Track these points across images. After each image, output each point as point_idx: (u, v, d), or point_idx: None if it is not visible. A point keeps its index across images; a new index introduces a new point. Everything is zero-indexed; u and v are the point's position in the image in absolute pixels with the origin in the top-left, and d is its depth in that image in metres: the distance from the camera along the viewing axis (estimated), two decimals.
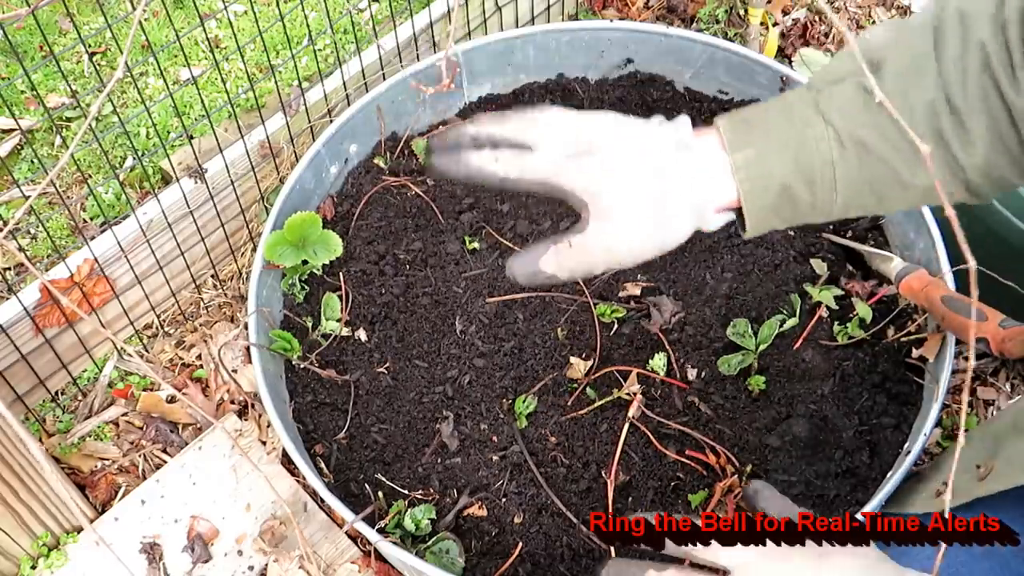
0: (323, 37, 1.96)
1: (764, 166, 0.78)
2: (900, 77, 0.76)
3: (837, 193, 0.79)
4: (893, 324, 1.23)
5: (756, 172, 0.79)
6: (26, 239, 1.64)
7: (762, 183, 0.79)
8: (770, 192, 0.79)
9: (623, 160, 0.83)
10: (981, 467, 0.93)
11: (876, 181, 0.78)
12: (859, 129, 0.76)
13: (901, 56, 0.76)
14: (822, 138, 0.77)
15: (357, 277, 1.33)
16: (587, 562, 1.11)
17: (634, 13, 1.93)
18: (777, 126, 0.79)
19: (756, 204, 0.80)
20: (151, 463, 1.40)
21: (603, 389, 1.21)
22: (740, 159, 0.79)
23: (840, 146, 0.77)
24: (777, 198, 0.79)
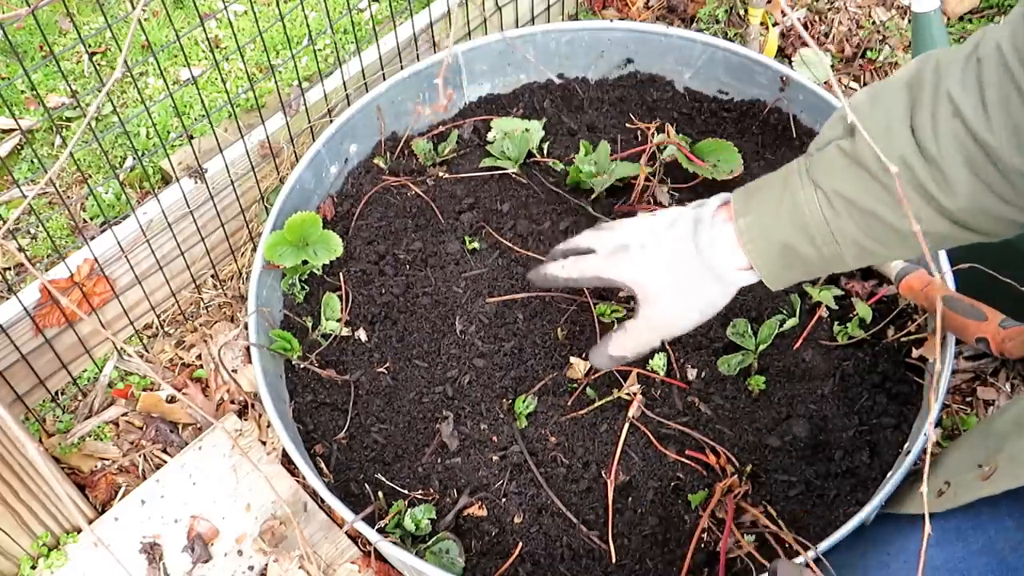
0: (323, 37, 1.96)
1: (763, 229, 0.89)
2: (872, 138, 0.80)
3: (840, 245, 0.86)
4: (893, 324, 1.23)
5: (756, 234, 0.90)
6: (26, 239, 1.64)
7: (764, 244, 0.89)
8: (773, 251, 0.89)
9: (652, 251, 0.97)
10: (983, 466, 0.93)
11: (872, 232, 0.84)
12: (843, 187, 0.84)
13: (875, 119, 0.82)
14: (811, 200, 0.86)
15: (357, 277, 1.33)
16: (587, 562, 1.11)
17: (634, 13, 1.93)
18: (773, 193, 0.89)
19: (764, 262, 0.91)
20: (151, 463, 1.40)
21: (603, 389, 1.21)
22: (743, 224, 0.90)
23: (829, 205, 0.85)
24: (781, 256, 0.89)
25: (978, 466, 0.94)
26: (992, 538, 0.94)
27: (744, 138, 1.46)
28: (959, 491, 0.94)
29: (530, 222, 1.36)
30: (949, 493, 0.95)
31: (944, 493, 0.96)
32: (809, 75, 1.81)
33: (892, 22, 1.91)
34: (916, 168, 0.79)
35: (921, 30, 1.39)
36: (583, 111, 1.51)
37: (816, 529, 1.10)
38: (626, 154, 1.42)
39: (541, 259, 1.32)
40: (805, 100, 1.42)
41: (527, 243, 1.35)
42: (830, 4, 1.95)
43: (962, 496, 0.93)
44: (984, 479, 0.92)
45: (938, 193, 0.79)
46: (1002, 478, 0.90)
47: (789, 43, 1.87)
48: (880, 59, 1.85)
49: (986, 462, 0.94)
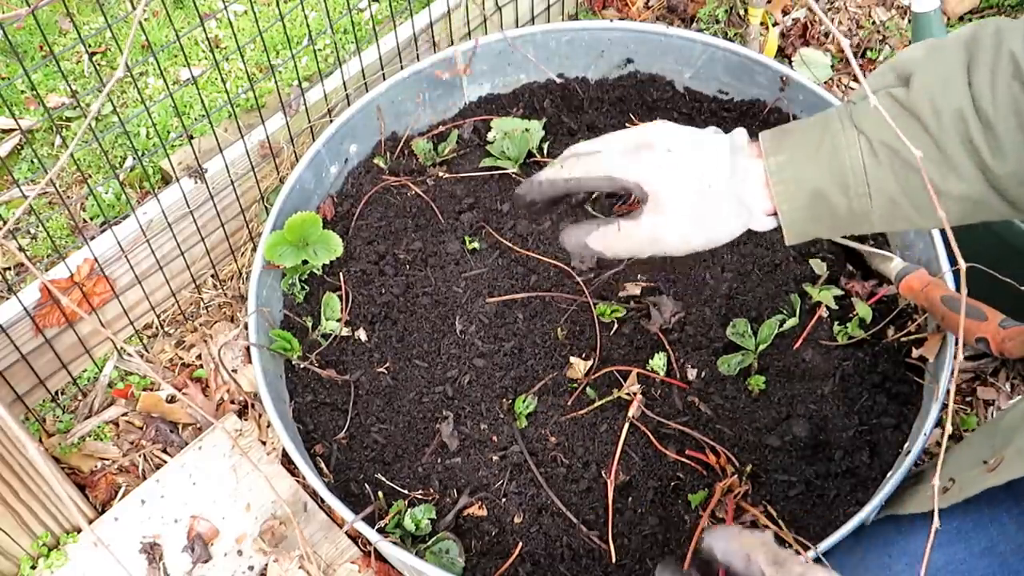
0: (323, 37, 1.96)
1: (796, 170, 0.83)
2: (928, 88, 0.79)
3: (872, 200, 0.82)
4: (893, 324, 1.23)
5: (789, 175, 0.83)
6: (26, 239, 1.64)
7: (794, 186, 0.83)
8: (802, 195, 0.84)
9: (679, 156, 0.88)
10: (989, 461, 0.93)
11: (911, 188, 0.81)
12: (889, 136, 0.79)
13: (931, 69, 0.79)
14: (853, 144, 0.81)
15: (357, 277, 1.33)
16: (587, 562, 1.11)
17: (634, 13, 1.93)
18: (811, 135, 0.84)
19: (790, 207, 0.85)
20: (151, 463, 1.40)
21: (603, 389, 1.21)
22: (773, 163, 0.84)
23: (872, 153, 0.81)
24: (810, 202, 0.84)
25: (983, 462, 0.94)
26: (994, 540, 0.94)
27: None
28: (964, 486, 0.94)
29: (530, 222, 1.36)
30: (954, 489, 0.95)
31: (949, 490, 0.96)
32: (809, 75, 1.81)
33: (892, 22, 1.91)
34: (970, 124, 0.77)
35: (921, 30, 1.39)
36: (583, 111, 1.51)
37: (816, 529, 1.10)
38: None
39: (541, 259, 1.32)
40: (805, 100, 1.42)
41: (527, 243, 1.35)
42: (830, 4, 1.95)
43: (967, 490, 0.92)
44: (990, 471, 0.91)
45: (987, 153, 0.77)
46: (1008, 469, 0.89)
47: (789, 43, 1.87)
48: (880, 59, 1.85)
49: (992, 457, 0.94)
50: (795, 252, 1.31)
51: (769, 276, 1.30)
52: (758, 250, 1.32)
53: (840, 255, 1.33)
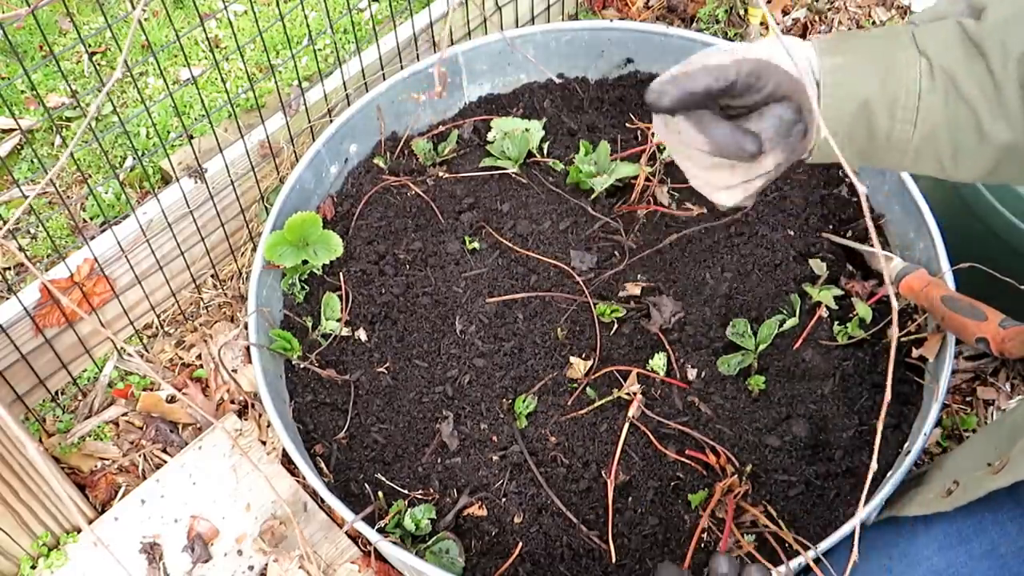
0: (323, 37, 1.96)
1: (850, 74, 0.78)
2: (1001, 25, 0.75)
3: (916, 128, 0.78)
4: None
5: (841, 78, 0.78)
6: (26, 239, 1.64)
7: (844, 91, 0.78)
8: (850, 104, 0.78)
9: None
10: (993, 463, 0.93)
11: (957, 124, 0.77)
12: (952, 64, 0.76)
13: (1008, 7, 0.76)
14: (913, 64, 0.77)
15: (357, 277, 1.33)
16: (587, 562, 1.11)
17: (634, 13, 1.93)
18: (872, 44, 0.79)
19: (835, 114, 0.78)
20: (151, 463, 1.40)
21: (603, 389, 1.21)
22: (828, 63, 0.78)
23: (930, 76, 0.77)
24: (856, 113, 0.78)
25: (988, 465, 0.94)
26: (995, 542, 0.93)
27: None
28: (968, 488, 0.93)
29: (530, 222, 1.36)
30: (958, 492, 0.95)
31: (953, 492, 0.96)
32: None
33: (892, 22, 1.91)
34: None
35: None
36: (583, 111, 1.51)
37: (816, 529, 1.10)
38: (626, 154, 1.42)
39: (541, 259, 1.32)
40: None
41: (527, 243, 1.35)
42: (830, 4, 1.95)
43: (972, 492, 0.92)
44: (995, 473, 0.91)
45: None
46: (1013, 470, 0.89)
47: None
48: None
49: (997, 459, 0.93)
50: (795, 252, 1.31)
51: (769, 276, 1.30)
52: (758, 250, 1.32)
53: (840, 255, 1.33)
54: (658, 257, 1.32)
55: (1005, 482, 0.89)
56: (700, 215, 1.36)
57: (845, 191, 1.39)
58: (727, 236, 1.34)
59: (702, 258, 1.32)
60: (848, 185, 1.40)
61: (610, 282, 1.30)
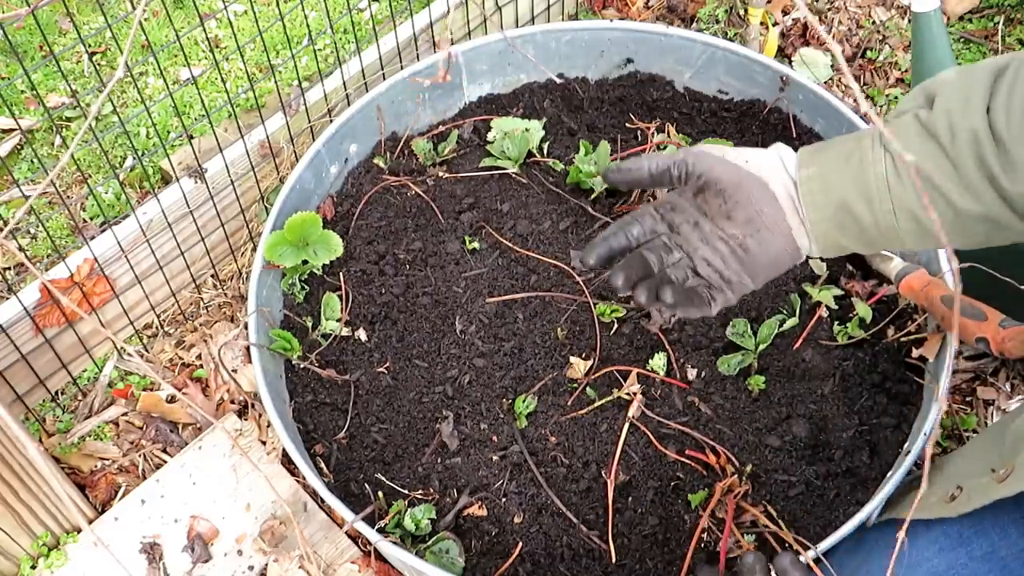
0: (323, 37, 1.96)
1: (824, 182, 0.88)
2: (948, 109, 0.82)
3: (896, 216, 0.85)
4: (893, 324, 1.23)
5: (817, 187, 0.88)
6: (26, 239, 1.64)
7: (821, 197, 0.88)
8: (829, 206, 0.88)
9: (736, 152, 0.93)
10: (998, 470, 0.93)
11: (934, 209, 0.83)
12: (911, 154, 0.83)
13: (955, 91, 0.82)
14: (878, 161, 0.85)
15: (357, 277, 1.33)
16: (587, 562, 1.11)
17: (634, 13, 1.93)
18: (842, 150, 0.88)
19: (817, 216, 0.89)
20: (151, 463, 1.40)
21: (603, 389, 1.21)
22: (804, 175, 0.89)
23: (895, 170, 0.85)
24: (836, 213, 0.88)
25: (992, 471, 0.94)
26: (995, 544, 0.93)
27: (744, 138, 1.46)
28: (973, 495, 0.93)
29: (530, 222, 1.36)
30: (962, 497, 0.95)
31: (957, 498, 0.96)
32: (809, 75, 1.81)
33: (892, 22, 1.91)
34: (984, 145, 0.79)
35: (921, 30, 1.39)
36: (583, 111, 1.51)
37: (816, 529, 1.10)
38: (626, 154, 1.42)
39: (541, 259, 1.32)
40: (805, 100, 1.42)
41: (527, 243, 1.35)
42: (830, 4, 1.95)
43: (976, 499, 0.92)
44: (999, 482, 0.91)
45: (1001, 174, 0.79)
46: (1018, 480, 0.89)
47: (789, 43, 1.87)
48: (880, 59, 1.85)
49: (1001, 466, 0.93)
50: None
51: None
52: None
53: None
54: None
55: (1010, 491, 0.89)
56: None
57: None
58: None
59: None
60: None
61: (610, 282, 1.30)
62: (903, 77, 1.82)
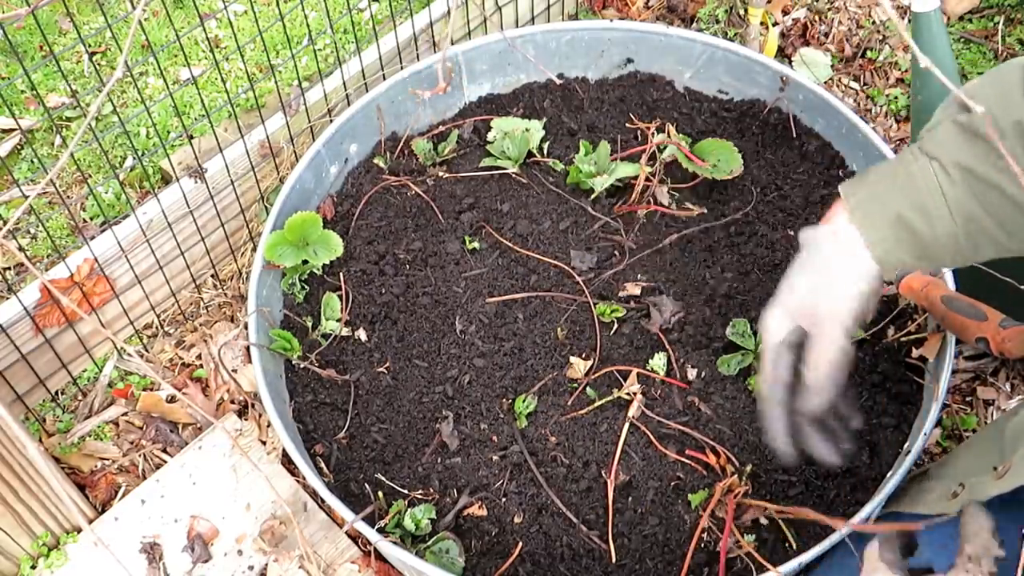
0: (323, 37, 1.96)
1: (875, 202, 0.88)
2: (988, 107, 0.82)
3: (955, 222, 0.85)
4: (893, 324, 1.23)
5: (868, 208, 0.88)
6: (26, 239, 1.64)
7: (875, 217, 0.88)
8: (885, 223, 0.88)
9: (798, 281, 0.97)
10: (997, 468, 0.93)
11: (990, 205, 0.84)
12: (960, 156, 0.84)
13: (989, 91, 0.83)
14: (926, 170, 0.86)
15: (357, 277, 1.33)
16: (587, 562, 1.11)
17: (634, 13, 1.93)
18: (885, 171, 0.89)
19: (877, 236, 0.88)
20: (151, 463, 1.40)
21: (603, 389, 1.21)
22: (853, 201, 0.89)
23: (945, 173, 0.85)
24: (893, 228, 0.88)
25: (993, 468, 0.94)
26: None
27: (744, 138, 1.46)
28: (974, 492, 0.94)
29: (530, 222, 1.36)
30: (963, 495, 0.95)
31: (959, 495, 0.96)
32: (809, 75, 1.81)
33: (892, 22, 1.91)
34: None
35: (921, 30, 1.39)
36: (583, 111, 1.51)
37: (816, 529, 1.10)
38: (626, 154, 1.42)
39: (541, 259, 1.32)
40: (805, 100, 1.42)
41: (527, 243, 1.35)
42: (830, 4, 1.95)
43: (976, 496, 0.93)
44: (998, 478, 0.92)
45: None
46: (1015, 476, 0.90)
47: (789, 43, 1.87)
48: (880, 59, 1.85)
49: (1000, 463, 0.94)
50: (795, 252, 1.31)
51: (769, 276, 1.30)
52: (758, 250, 1.32)
53: None
54: (658, 257, 1.32)
55: (1007, 487, 0.89)
56: (700, 215, 1.36)
57: None
58: (727, 236, 1.34)
59: (702, 258, 1.32)
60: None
61: (610, 282, 1.30)
62: (903, 77, 1.82)
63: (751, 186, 1.39)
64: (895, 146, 1.71)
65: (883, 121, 1.78)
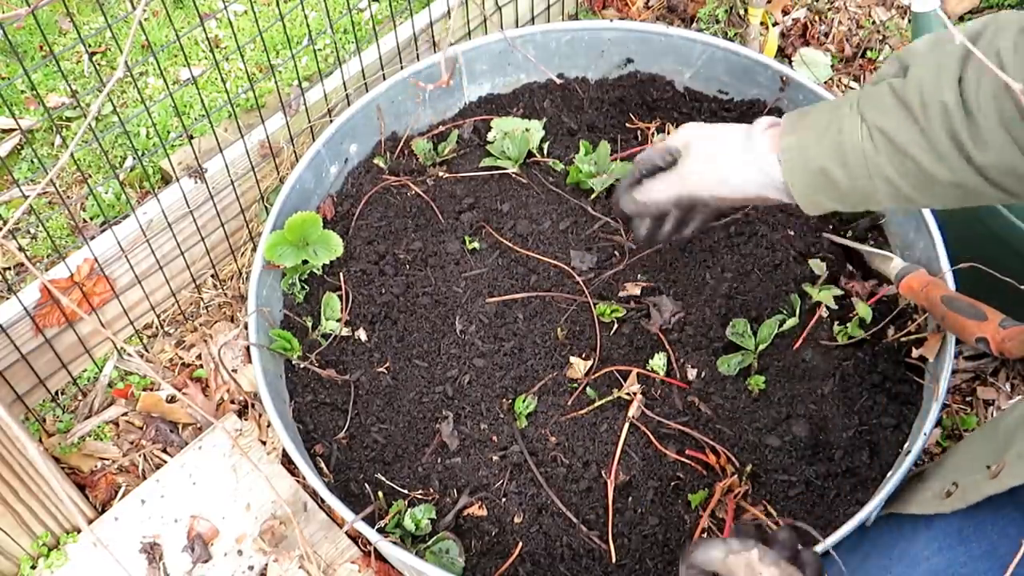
0: (323, 37, 1.96)
1: (803, 150, 0.94)
2: (920, 79, 0.84)
3: (873, 181, 0.90)
4: (893, 324, 1.23)
5: (796, 155, 0.94)
6: (26, 239, 1.64)
7: (801, 164, 0.94)
8: (808, 172, 0.94)
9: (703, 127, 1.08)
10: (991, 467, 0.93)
11: (905, 173, 0.87)
12: (885, 123, 0.87)
13: (928, 62, 0.85)
14: (854, 129, 0.89)
15: (357, 277, 1.33)
16: (587, 562, 1.11)
17: (634, 13, 1.93)
18: (820, 118, 0.94)
19: (798, 181, 0.95)
20: (151, 463, 1.40)
21: (603, 389, 1.21)
22: (785, 143, 0.96)
23: (869, 137, 0.88)
24: (815, 177, 0.94)
25: (987, 467, 0.94)
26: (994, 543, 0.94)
27: None
28: (967, 491, 0.94)
29: (530, 222, 1.36)
30: (957, 494, 0.95)
31: (952, 494, 0.96)
32: (809, 75, 1.81)
33: (892, 22, 1.91)
34: (954, 116, 0.81)
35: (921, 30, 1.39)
36: (583, 111, 1.51)
37: (816, 529, 1.10)
38: (626, 154, 1.42)
39: (541, 259, 1.32)
40: (805, 100, 1.42)
41: (527, 243, 1.35)
42: (830, 4, 1.95)
43: (970, 495, 0.93)
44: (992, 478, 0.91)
45: (970, 144, 0.81)
46: (1009, 475, 0.89)
47: (789, 43, 1.87)
48: (880, 59, 1.85)
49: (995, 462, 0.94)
50: (795, 252, 1.31)
51: (769, 276, 1.30)
52: (758, 250, 1.32)
53: (840, 255, 1.33)
54: (658, 257, 1.32)
55: (1001, 487, 0.89)
56: None
57: None
58: (727, 236, 1.34)
59: (702, 258, 1.32)
60: None
61: (610, 282, 1.30)
62: None
63: None
64: None
65: None
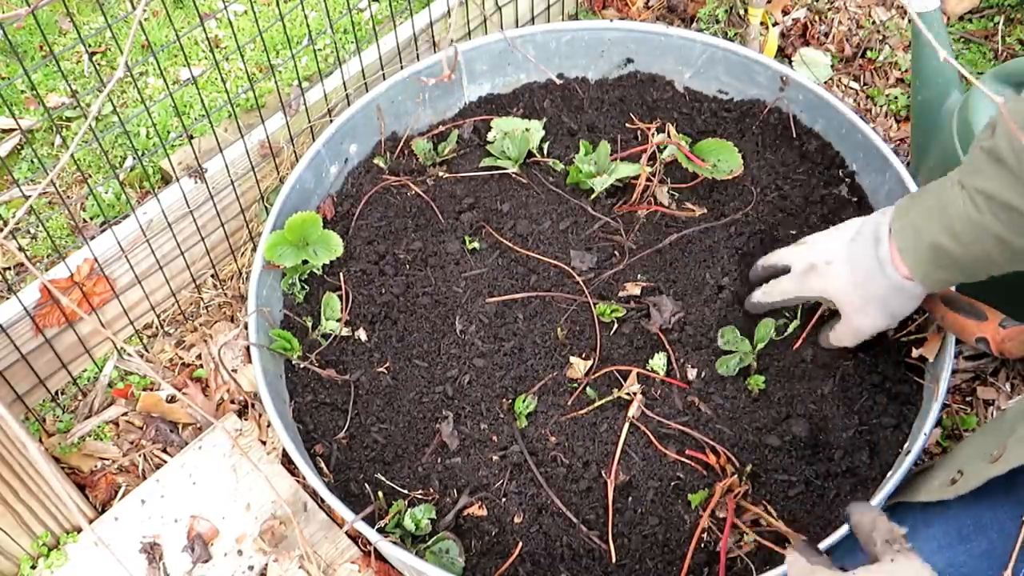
0: (323, 37, 1.96)
1: (915, 231, 1.00)
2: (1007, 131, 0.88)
3: (985, 244, 0.93)
4: None
5: (909, 236, 1.00)
6: (26, 239, 1.64)
7: (914, 244, 1.00)
8: (921, 248, 0.99)
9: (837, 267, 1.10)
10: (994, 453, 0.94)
11: (1015, 227, 0.91)
12: (983, 183, 0.92)
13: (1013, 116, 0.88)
14: (956, 199, 0.94)
15: (357, 277, 1.33)
16: (587, 562, 1.11)
17: (634, 13, 1.93)
18: (927, 198, 0.99)
19: (915, 261, 1.01)
20: (151, 463, 1.40)
21: (603, 389, 1.21)
22: (897, 227, 1.02)
23: (971, 202, 0.93)
24: (930, 252, 0.99)
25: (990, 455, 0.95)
26: (994, 542, 0.94)
27: (744, 138, 1.46)
28: (970, 477, 0.95)
29: (530, 222, 1.36)
30: (962, 481, 0.97)
31: (957, 482, 0.97)
32: (809, 75, 1.81)
33: (892, 22, 1.91)
34: None
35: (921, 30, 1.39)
36: (583, 111, 1.51)
37: (816, 529, 1.10)
38: (626, 154, 1.42)
39: (541, 259, 1.32)
40: (805, 100, 1.42)
41: (527, 243, 1.35)
42: (830, 4, 1.95)
43: (973, 480, 0.94)
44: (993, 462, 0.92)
45: None
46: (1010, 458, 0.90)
47: (789, 43, 1.87)
48: (880, 59, 1.85)
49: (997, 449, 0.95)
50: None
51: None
52: (758, 250, 1.32)
53: None
54: (658, 257, 1.32)
55: (1002, 470, 0.91)
56: (700, 215, 1.36)
57: (845, 191, 1.39)
58: (727, 236, 1.34)
59: (702, 258, 1.32)
60: (848, 185, 1.40)
61: (610, 282, 1.30)
62: (903, 77, 1.82)
63: (751, 186, 1.39)
64: (895, 145, 1.71)
65: (883, 121, 1.78)
